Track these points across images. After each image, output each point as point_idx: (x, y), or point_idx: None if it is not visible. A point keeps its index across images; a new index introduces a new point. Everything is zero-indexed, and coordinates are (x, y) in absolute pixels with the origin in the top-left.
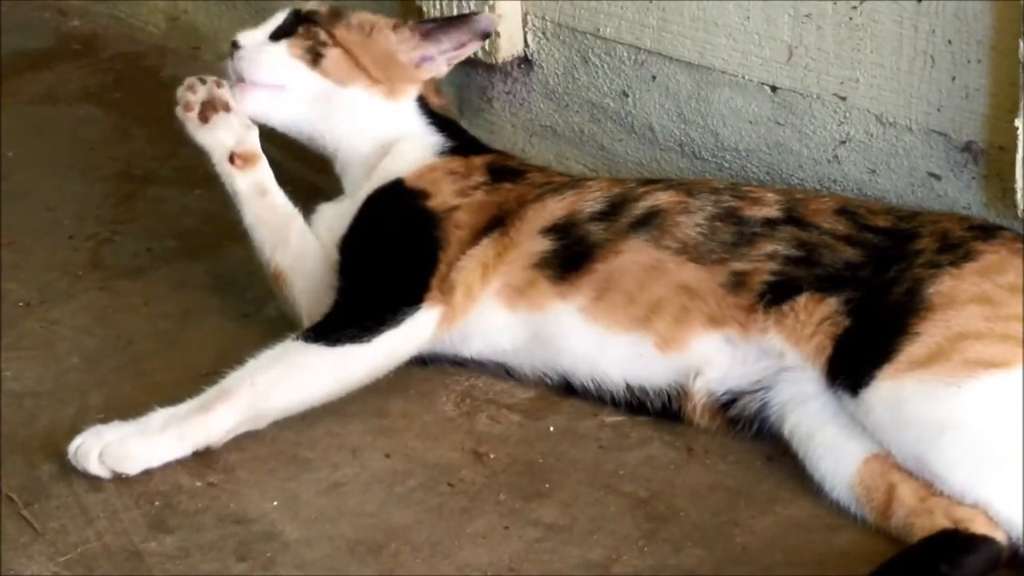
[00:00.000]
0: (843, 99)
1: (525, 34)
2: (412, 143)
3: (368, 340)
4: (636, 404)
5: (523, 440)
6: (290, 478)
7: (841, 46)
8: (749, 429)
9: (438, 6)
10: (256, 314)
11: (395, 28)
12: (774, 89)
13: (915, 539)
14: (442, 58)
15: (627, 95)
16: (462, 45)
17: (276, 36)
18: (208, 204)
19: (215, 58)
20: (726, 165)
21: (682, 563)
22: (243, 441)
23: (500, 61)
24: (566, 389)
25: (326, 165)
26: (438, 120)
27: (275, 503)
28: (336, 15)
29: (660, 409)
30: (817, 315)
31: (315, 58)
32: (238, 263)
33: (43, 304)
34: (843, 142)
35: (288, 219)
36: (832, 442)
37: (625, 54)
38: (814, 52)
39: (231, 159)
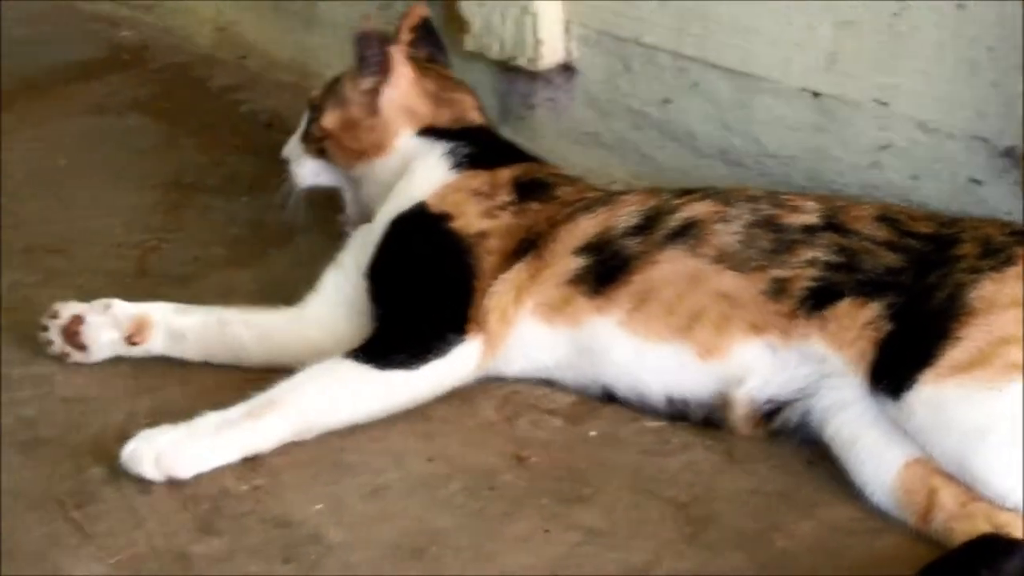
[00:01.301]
0: (884, 105)
1: (567, 42)
2: (426, 163)
3: (416, 367)
4: (677, 414)
5: (564, 445)
6: (334, 482)
7: (882, 52)
8: (792, 436)
9: (481, 15)
10: None
11: (351, 79)
12: (815, 95)
13: (955, 543)
14: (379, 77)
15: (669, 102)
16: (384, 61)
17: (303, 135)
18: (255, 212)
19: (261, 68)
20: (768, 172)
21: (722, 567)
22: (287, 445)
23: (542, 68)
24: (607, 397)
25: None
26: (451, 133)
27: (319, 507)
28: (325, 97)
29: (702, 419)
30: (859, 320)
31: (321, 152)
32: (284, 270)
33: None
34: (884, 148)
35: (220, 329)
36: (873, 447)
37: (667, 61)
38: (855, 58)
39: (131, 343)
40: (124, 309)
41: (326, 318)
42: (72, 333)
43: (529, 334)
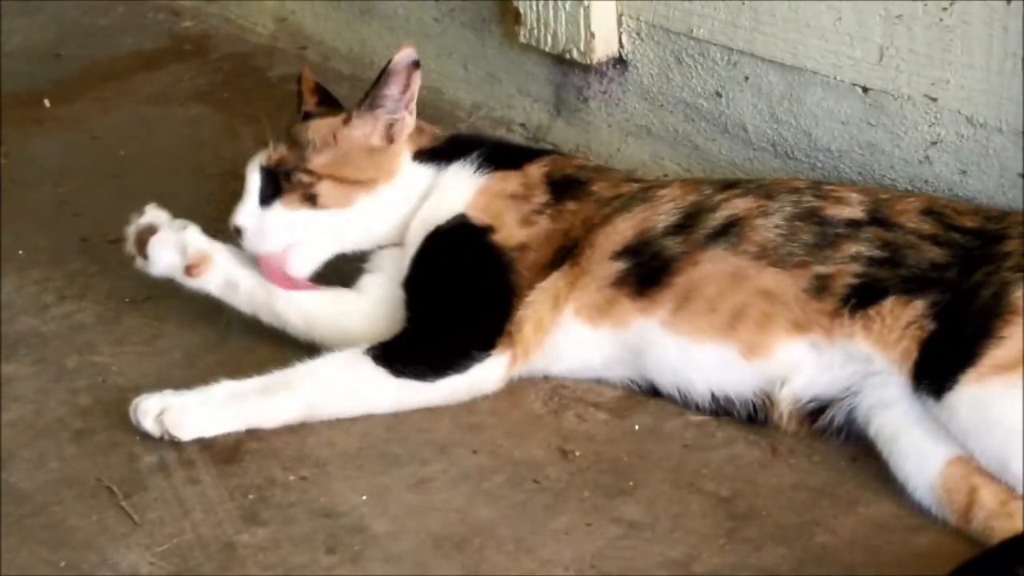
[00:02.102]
0: (934, 100)
1: (620, 35)
2: (447, 185)
3: (432, 380)
4: (721, 412)
5: (608, 438)
6: (379, 473)
7: (932, 47)
8: (837, 436)
9: (534, 7)
10: None
11: (346, 122)
12: (865, 90)
13: (995, 541)
14: (402, 112)
15: (720, 95)
16: (406, 87)
17: (264, 199)
18: None
19: (320, 58)
20: (819, 165)
21: (762, 562)
22: (334, 436)
23: (595, 62)
24: (653, 392)
25: None
26: (441, 150)
27: (364, 497)
28: (300, 147)
29: (746, 417)
30: (903, 319)
31: (311, 201)
32: (341, 262)
33: (148, 301)
34: (934, 143)
35: (267, 296)
36: (916, 445)
37: (718, 55)
38: (905, 53)
39: (188, 273)
40: (195, 239)
41: (368, 313)
42: (142, 240)
43: (573, 335)
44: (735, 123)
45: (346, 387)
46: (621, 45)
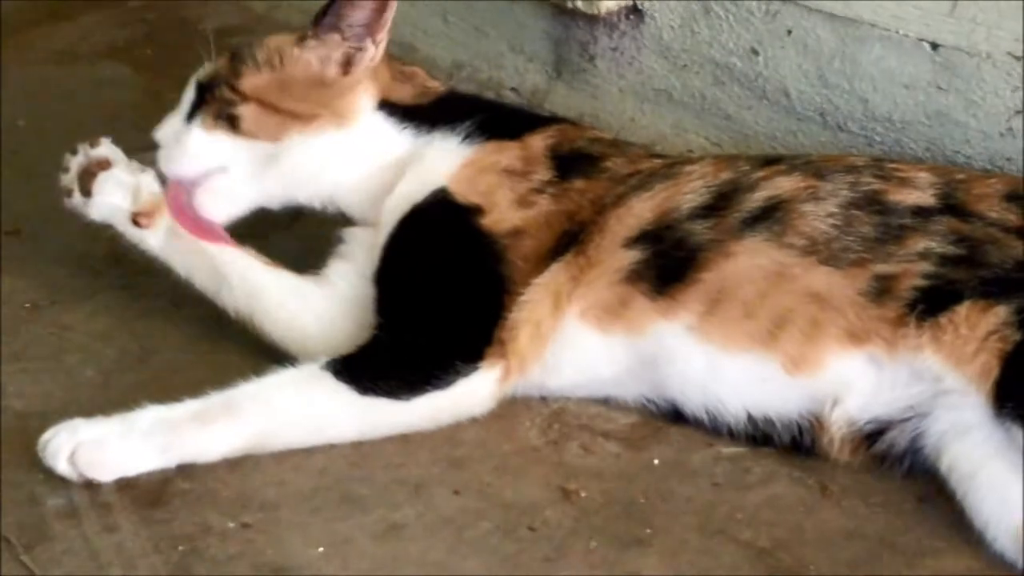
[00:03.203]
0: (1018, 59)
1: None
2: (430, 151)
3: (407, 399)
4: (759, 436)
5: (621, 475)
6: (340, 519)
7: None
8: (899, 465)
9: None
10: None
11: (300, 44)
12: (935, 47)
13: None
14: (365, 41)
15: (757, 53)
16: (378, 14)
17: (191, 116)
18: None
19: (266, 7)
20: (877, 139)
21: None
22: (284, 473)
23: (604, 11)
24: (675, 416)
25: None
26: (427, 112)
27: (321, 549)
28: (238, 61)
29: (789, 442)
30: (982, 328)
31: (231, 122)
32: (286, 257)
33: (54, 306)
34: (1019, 112)
35: (218, 256)
36: (998, 481)
37: (754, 3)
38: (984, 2)
39: (135, 222)
40: (152, 184)
41: (327, 312)
42: (90, 173)
43: (578, 343)
44: (775, 87)
45: (301, 410)
46: None
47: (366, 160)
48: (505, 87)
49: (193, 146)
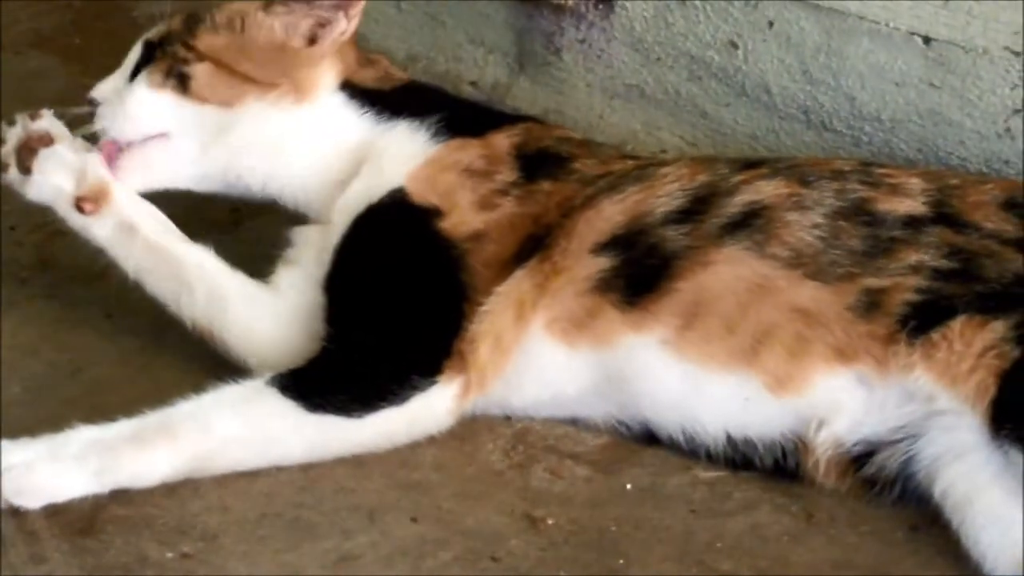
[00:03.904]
0: (1017, 55)
1: None
2: (389, 142)
3: (359, 415)
4: (740, 459)
5: (591, 501)
6: (288, 548)
7: None
8: (889, 491)
9: None
10: None
11: (267, 9)
12: (927, 41)
13: None
14: (337, 12)
15: (736, 46)
16: None
17: (135, 74)
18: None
19: None
20: (864, 139)
21: None
22: (227, 498)
23: (572, 0)
24: (648, 438)
25: None
26: (390, 98)
27: None
28: (194, 22)
29: (771, 465)
30: (977, 345)
31: (182, 82)
32: (232, 264)
33: None
34: (1018, 111)
35: (178, 256)
36: (996, 508)
37: None
38: None
39: (78, 207)
40: (98, 167)
41: (281, 320)
42: (30, 149)
43: (542, 357)
44: (755, 83)
45: (244, 430)
46: None
47: (321, 144)
48: (464, 81)
49: (136, 104)
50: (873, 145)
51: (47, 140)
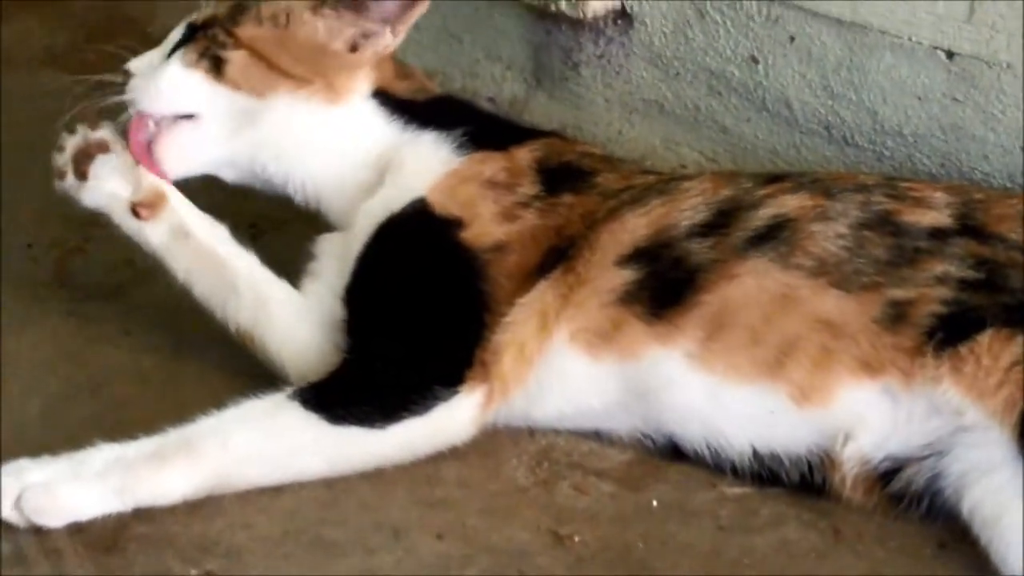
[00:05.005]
0: None
1: None
2: (414, 152)
3: (382, 426)
4: (766, 475)
5: (617, 517)
6: (312, 566)
7: None
8: (916, 507)
9: None
10: None
11: (315, 10)
12: (950, 55)
13: None
14: (384, 28)
15: (757, 61)
16: (407, 5)
17: (172, 52)
18: (207, 200)
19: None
20: (886, 154)
21: None
22: (250, 515)
23: (590, 15)
24: (674, 453)
25: None
26: (420, 109)
27: None
28: (239, 10)
29: (798, 481)
30: (1005, 358)
31: (216, 65)
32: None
33: None
34: None
35: (229, 261)
36: None
37: (754, 7)
38: (1004, 7)
39: (134, 212)
40: (153, 176)
41: (313, 328)
42: (86, 156)
43: (566, 369)
44: (776, 98)
45: (267, 444)
46: None
47: (346, 146)
48: (481, 96)
49: (169, 80)
50: (895, 160)
51: (104, 147)
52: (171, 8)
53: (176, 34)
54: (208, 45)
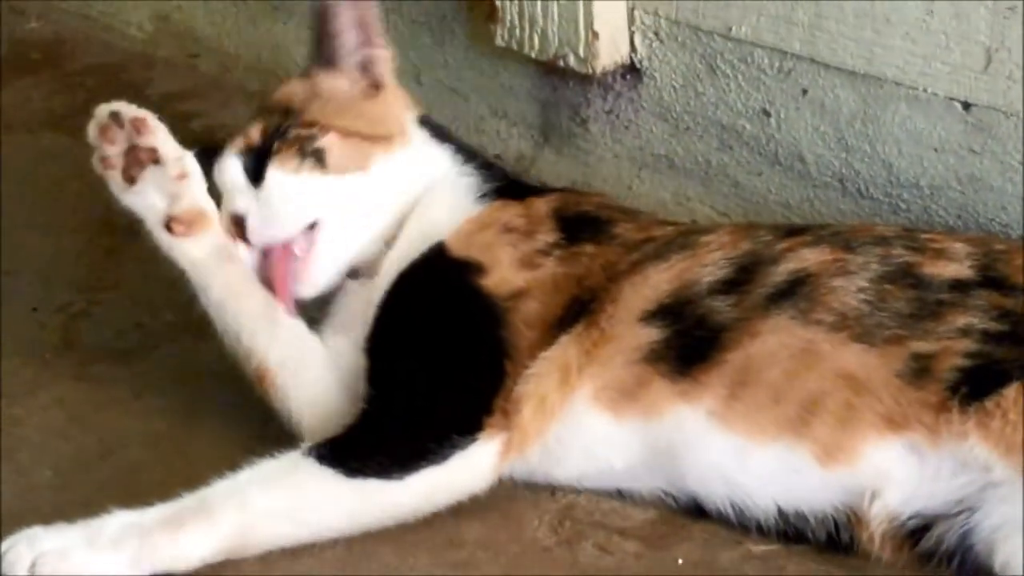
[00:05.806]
0: None
1: (632, 35)
2: (442, 188)
3: (400, 477)
4: (792, 532)
5: None
6: None
7: None
8: (947, 564)
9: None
10: None
11: (309, 75)
12: (967, 106)
13: None
14: (370, 49)
15: (768, 114)
16: (360, 20)
17: (255, 179)
18: None
19: (217, 70)
20: (903, 206)
21: None
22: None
23: (599, 70)
24: (697, 511)
25: None
26: (452, 141)
27: None
28: (279, 112)
29: (825, 539)
30: None
31: (318, 158)
32: None
33: (1, 399)
34: None
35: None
36: None
37: (766, 60)
38: (1020, 57)
39: (168, 226)
40: (198, 191)
41: (332, 381)
42: (138, 160)
43: (591, 426)
44: (789, 151)
45: (284, 502)
46: (633, 48)
47: (426, 180)
48: (487, 154)
49: (280, 194)
50: (912, 212)
51: (153, 155)
52: (167, 73)
53: (233, 168)
54: (299, 145)
